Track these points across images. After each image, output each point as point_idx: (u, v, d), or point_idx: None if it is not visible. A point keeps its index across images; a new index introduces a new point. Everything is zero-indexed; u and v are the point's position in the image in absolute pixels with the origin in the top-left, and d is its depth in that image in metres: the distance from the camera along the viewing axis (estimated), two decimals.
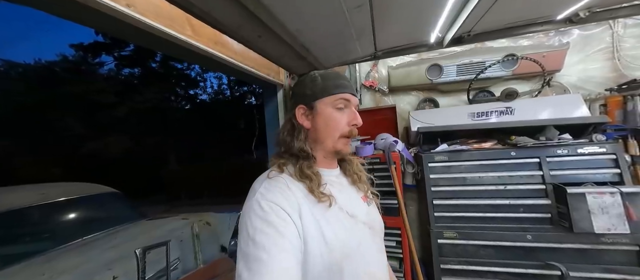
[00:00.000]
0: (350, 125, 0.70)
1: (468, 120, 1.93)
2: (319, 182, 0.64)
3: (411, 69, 2.22)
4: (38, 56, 16.19)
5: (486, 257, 1.54)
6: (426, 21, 1.37)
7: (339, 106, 0.69)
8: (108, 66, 13.35)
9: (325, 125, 0.68)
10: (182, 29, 1.06)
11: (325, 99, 0.68)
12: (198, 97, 16.24)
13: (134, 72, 14.06)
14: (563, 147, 1.49)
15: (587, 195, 1.31)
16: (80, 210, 2.37)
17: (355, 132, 0.70)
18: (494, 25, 1.53)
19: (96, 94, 11.73)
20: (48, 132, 10.45)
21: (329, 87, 0.69)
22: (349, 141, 0.71)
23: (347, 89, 0.70)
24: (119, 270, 1.75)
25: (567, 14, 1.43)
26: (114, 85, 12.77)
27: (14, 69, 11.58)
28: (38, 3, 0.64)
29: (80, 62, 12.87)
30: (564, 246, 1.40)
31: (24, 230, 1.94)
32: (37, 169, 9.25)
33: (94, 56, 13.02)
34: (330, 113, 0.68)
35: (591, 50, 1.94)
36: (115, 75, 13.53)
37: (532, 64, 1.83)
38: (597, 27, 1.92)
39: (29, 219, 2.00)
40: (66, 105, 11.06)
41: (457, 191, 1.64)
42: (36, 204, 2.10)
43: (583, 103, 1.74)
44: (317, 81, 0.70)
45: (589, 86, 1.92)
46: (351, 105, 0.71)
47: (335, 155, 0.73)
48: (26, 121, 10.21)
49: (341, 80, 0.71)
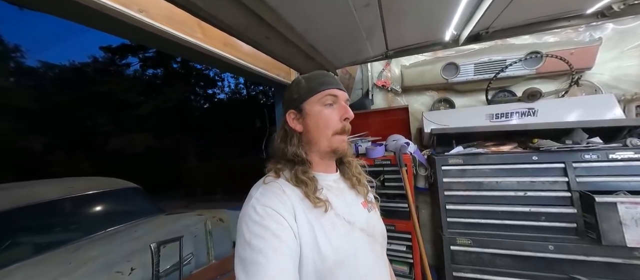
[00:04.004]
0: (342, 120, 0.67)
1: (486, 121, 1.83)
2: (315, 187, 0.63)
3: (425, 68, 2.14)
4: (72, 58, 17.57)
5: (503, 266, 1.46)
6: (439, 18, 1.31)
7: (327, 102, 0.67)
8: (133, 67, 14.15)
9: (316, 125, 0.67)
10: (192, 32, 1.09)
11: (312, 99, 0.67)
12: (216, 96, 16.81)
13: (157, 72, 14.79)
14: (592, 151, 1.37)
15: (619, 204, 1.20)
16: (103, 204, 2.51)
17: (348, 127, 0.68)
18: (516, 21, 1.44)
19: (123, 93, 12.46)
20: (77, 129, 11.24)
21: (313, 87, 0.68)
22: (345, 138, 0.69)
23: (332, 85, 0.68)
24: (137, 262, 1.83)
25: (599, 7, 1.32)
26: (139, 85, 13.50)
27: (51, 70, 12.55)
28: (54, 9, 0.69)
29: (109, 63, 13.73)
30: (591, 259, 1.30)
31: (53, 221, 2.09)
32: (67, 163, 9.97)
33: (121, 58, 13.84)
34: (320, 111, 0.67)
35: (627, 46, 1.77)
36: (141, 76, 14.30)
37: (559, 61, 1.71)
38: (634, 21, 1.75)
39: (57, 211, 2.15)
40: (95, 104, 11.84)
41: (472, 196, 1.56)
42: (64, 197, 2.26)
43: (616, 104, 1.59)
44: (302, 84, 0.70)
45: (624, 85, 1.76)
46: (340, 100, 0.69)
47: (333, 155, 0.70)
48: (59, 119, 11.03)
49: (325, 77, 0.70)
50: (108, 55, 13.64)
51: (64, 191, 2.29)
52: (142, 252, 1.90)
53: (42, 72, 12.17)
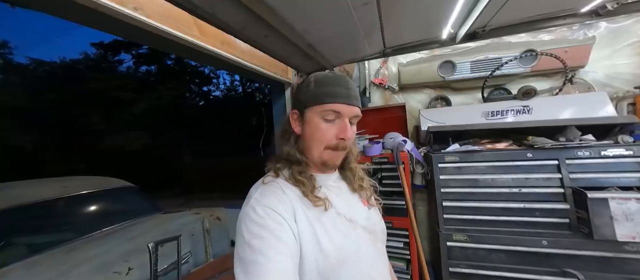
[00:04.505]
0: (337, 139, 0.64)
1: (482, 119, 1.86)
2: (313, 186, 0.63)
3: (422, 66, 2.15)
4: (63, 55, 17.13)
5: (498, 261, 1.49)
6: (437, 16, 1.32)
7: (328, 118, 0.63)
8: (126, 64, 13.90)
9: (311, 136, 0.65)
10: (189, 30, 1.07)
11: (314, 108, 0.64)
12: (211, 93, 16.64)
13: (150, 69, 14.56)
14: (585, 148, 1.40)
15: (610, 200, 1.23)
16: (99, 204, 2.48)
17: (342, 145, 0.64)
18: (512, 20, 1.44)
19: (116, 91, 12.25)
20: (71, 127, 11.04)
21: (320, 95, 0.63)
22: (337, 153, 0.66)
23: (340, 99, 0.63)
24: (134, 262, 1.82)
25: (593, 6, 1.33)
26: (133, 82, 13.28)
27: (41, 67, 12.26)
28: (47, 7, 0.67)
29: (101, 60, 13.46)
30: (583, 253, 1.33)
31: (47, 222, 2.06)
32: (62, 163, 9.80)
33: (113, 54, 13.58)
34: (318, 124, 0.64)
35: (620, 44, 1.80)
36: (134, 73, 14.07)
37: (553, 60, 1.73)
38: (627, 20, 1.78)
39: (52, 211, 2.12)
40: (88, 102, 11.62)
41: (468, 193, 1.58)
42: (58, 197, 2.22)
43: (609, 102, 1.63)
44: (310, 87, 0.66)
45: (617, 83, 1.79)
46: (343, 117, 0.64)
47: (322, 166, 0.68)
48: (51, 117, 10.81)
49: (337, 87, 0.64)
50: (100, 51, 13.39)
51: (58, 191, 2.25)
52: (140, 252, 1.88)
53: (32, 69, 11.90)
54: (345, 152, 0.68)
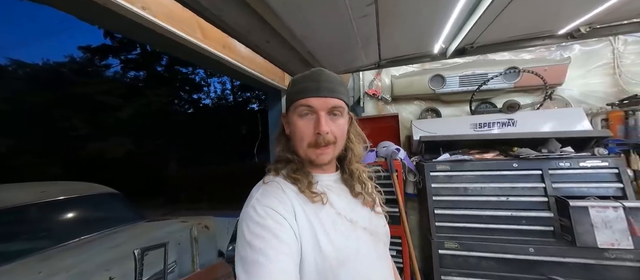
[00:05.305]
0: (315, 134, 0.61)
1: (470, 130, 1.94)
2: (309, 182, 0.63)
3: (414, 79, 2.24)
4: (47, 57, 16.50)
5: (488, 269, 1.52)
6: (430, 32, 1.40)
7: (302, 113, 0.62)
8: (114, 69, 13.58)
9: (294, 135, 0.65)
10: (192, 32, 1.09)
11: (292, 107, 0.64)
12: (201, 101, 16.42)
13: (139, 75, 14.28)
14: (565, 159, 1.49)
15: (590, 208, 1.30)
16: (78, 210, 2.36)
17: (321, 140, 0.61)
18: (497, 38, 1.56)
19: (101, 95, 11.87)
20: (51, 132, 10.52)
21: (293, 94, 0.64)
22: (323, 150, 0.63)
23: (310, 93, 0.61)
24: (116, 271, 1.73)
25: (568, 29, 1.46)
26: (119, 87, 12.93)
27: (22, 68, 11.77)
28: (58, 4, 0.67)
29: (87, 64, 13.10)
30: (567, 260, 1.38)
31: (22, 228, 1.93)
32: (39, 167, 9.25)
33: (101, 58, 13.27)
34: (296, 121, 0.63)
35: (592, 65, 1.97)
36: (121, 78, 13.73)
37: (534, 77, 1.86)
38: (598, 43, 1.95)
39: (27, 217, 1.99)
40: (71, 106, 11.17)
41: (458, 201, 1.63)
42: (35, 202, 2.10)
43: (585, 117, 1.75)
44: (290, 86, 0.66)
45: (591, 100, 1.94)
46: (318, 110, 0.61)
47: (312, 165, 0.66)
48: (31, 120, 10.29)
49: (307, 82, 0.62)
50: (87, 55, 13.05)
51: (35, 196, 2.13)
52: (122, 261, 1.79)
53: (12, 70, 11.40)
54: (332, 147, 0.64)
